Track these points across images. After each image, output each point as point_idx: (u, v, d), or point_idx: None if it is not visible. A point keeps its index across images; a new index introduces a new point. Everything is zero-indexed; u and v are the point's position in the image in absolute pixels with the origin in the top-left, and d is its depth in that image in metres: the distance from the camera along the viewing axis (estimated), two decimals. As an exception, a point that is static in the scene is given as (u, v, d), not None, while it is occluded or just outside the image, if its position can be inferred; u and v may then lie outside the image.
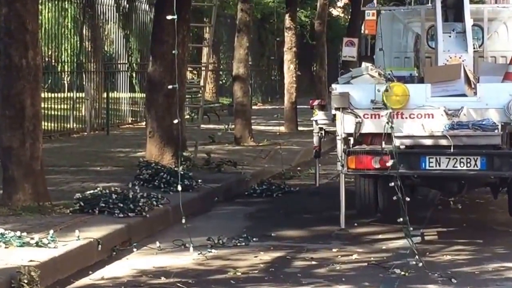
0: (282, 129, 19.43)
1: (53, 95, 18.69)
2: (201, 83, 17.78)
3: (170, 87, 10.96)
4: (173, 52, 9.21)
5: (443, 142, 8.69)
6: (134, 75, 23.15)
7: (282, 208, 10.93)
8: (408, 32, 11.49)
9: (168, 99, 12.40)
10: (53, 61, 20.35)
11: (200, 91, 18.72)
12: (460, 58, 9.77)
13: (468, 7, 10.17)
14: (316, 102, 10.93)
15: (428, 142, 8.80)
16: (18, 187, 9.09)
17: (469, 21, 10.09)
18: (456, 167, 8.72)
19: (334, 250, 8.41)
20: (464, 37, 10.00)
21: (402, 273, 7.44)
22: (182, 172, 10.33)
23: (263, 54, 34.14)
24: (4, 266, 6.76)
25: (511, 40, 11.21)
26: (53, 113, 17.97)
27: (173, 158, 12.21)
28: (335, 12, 39.40)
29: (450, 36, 10.10)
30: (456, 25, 10.30)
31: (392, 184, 8.17)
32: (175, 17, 8.53)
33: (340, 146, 9.00)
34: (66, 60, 20.18)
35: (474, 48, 10.24)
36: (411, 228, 8.27)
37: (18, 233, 7.58)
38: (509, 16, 11.45)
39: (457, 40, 10.05)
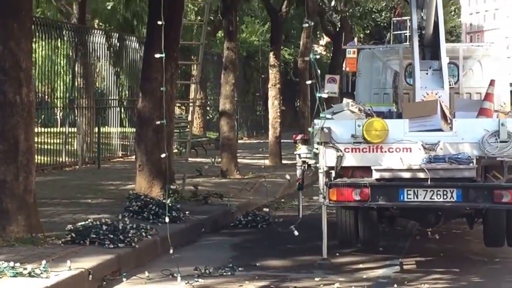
0: (267, 162, 19.49)
1: (46, 129, 18.76)
2: (189, 118, 17.97)
3: (158, 122, 11.14)
4: (162, 89, 9.29)
5: (421, 175, 8.76)
6: (124, 110, 23.37)
7: (266, 239, 11.00)
8: (387, 70, 11.72)
9: (157, 134, 12.54)
10: (47, 97, 20.54)
11: (188, 126, 18.88)
12: (436, 94, 9.90)
13: (444, 46, 10.32)
14: (299, 137, 10.92)
15: (406, 175, 8.85)
16: (12, 219, 9.11)
17: (445, 59, 10.23)
18: (433, 199, 8.75)
19: (316, 279, 8.45)
20: (440, 74, 10.15)
21: (382, 301, 7.52)
22: (170, 204, 10.37)
23: (248, 90, 34.44)
24: (-2, 296, 6.81)
25: (485, 77, 11.38)
26: (46, 147, 17.99)
27: (161, 191, 12.30)
28: (317, 50, 39.81)
29: (427, 74, 10.24)
30: (433, 63, 10.43)
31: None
32: (163, 55, 8.60)
33: (322, 179, 9.07)
34: (59, 96, 20.39)
35: (450, 85, 10.38)
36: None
37: (11, 264, 7.60)
38: (483, 55, 11.70)
39: (434, 77, 10.19)
